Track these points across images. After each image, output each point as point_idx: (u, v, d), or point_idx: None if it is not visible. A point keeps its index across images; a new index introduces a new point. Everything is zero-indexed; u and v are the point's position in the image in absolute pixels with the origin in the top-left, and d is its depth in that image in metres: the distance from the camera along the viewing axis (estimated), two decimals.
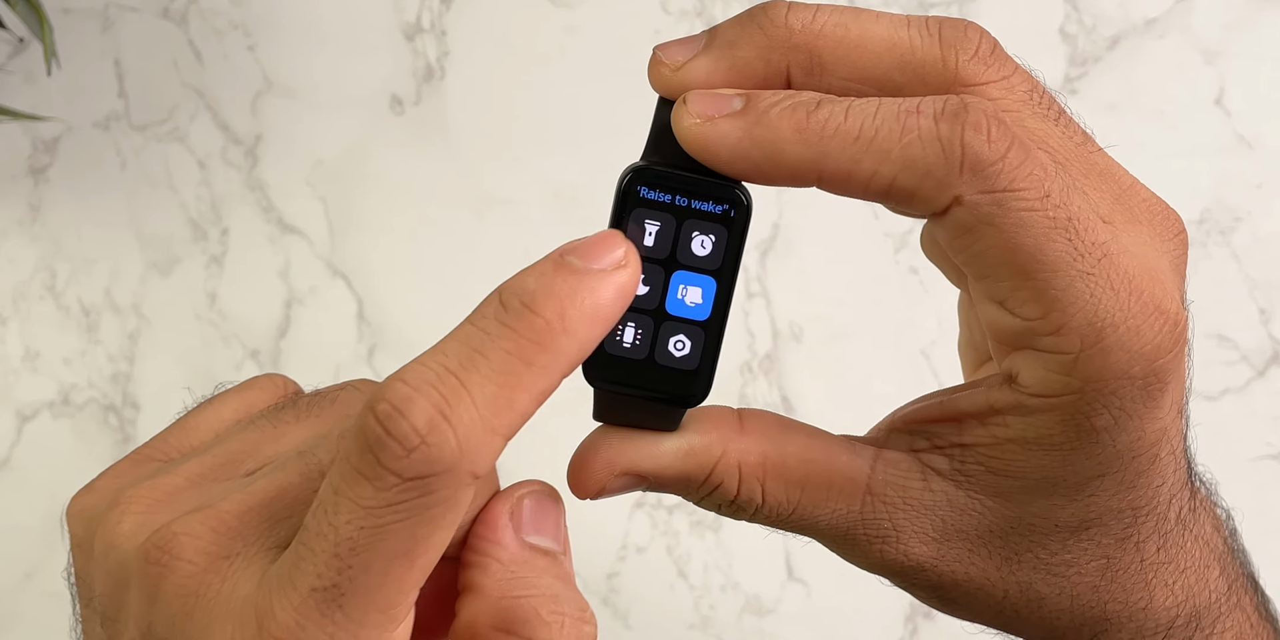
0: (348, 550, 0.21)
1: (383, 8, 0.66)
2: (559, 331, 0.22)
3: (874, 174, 0.24)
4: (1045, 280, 0.25)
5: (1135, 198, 0.27)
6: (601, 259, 0.24)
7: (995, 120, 0.24)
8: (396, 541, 0.22)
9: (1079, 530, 0.28)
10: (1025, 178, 0.24)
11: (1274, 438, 0.59)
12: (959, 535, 0.28)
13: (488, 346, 0.22)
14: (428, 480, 0.21)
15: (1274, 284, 0.60)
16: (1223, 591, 0.30)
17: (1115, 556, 0.28)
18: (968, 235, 0.25)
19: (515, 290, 0.23)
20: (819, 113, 0.25)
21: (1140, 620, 0.29)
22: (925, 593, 0.29)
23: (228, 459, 0.27)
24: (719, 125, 0.25)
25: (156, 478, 0.26)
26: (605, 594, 0.60)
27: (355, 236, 0.65)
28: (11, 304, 0.66)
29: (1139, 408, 0.26)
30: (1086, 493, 0.27)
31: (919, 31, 0.26)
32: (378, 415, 0.21)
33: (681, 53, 0.26)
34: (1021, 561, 0.28)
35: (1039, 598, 0.29)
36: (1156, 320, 0.25)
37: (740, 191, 0.26)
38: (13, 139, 0.67)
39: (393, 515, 0.21)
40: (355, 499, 0.21)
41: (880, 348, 0.61)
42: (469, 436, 0.21)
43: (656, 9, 0.65)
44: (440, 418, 0.21)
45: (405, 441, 0.21)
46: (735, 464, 0.28)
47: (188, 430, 0.28)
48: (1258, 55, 0.61)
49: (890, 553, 0.28)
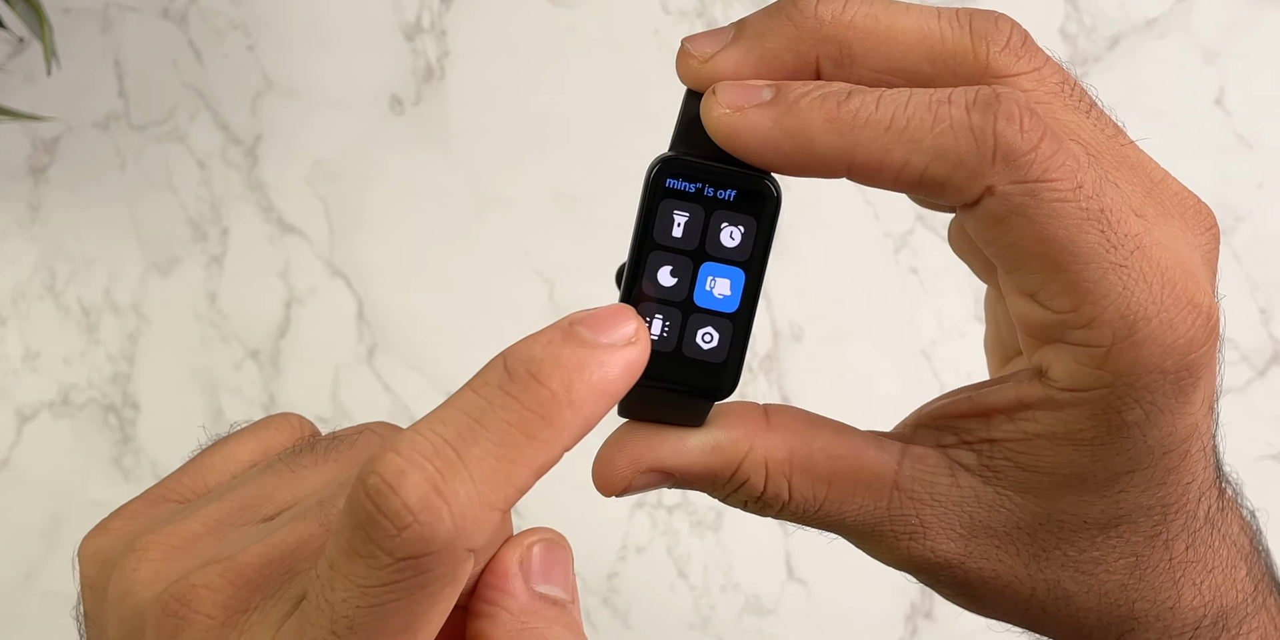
0: (345, 628, 0.21)
1: (383, 8, 0.66)
2: (564, 404, 0.22)
3: (905, 164, 0.24)
4: (1078, 272, 0.24)
5: (1167, 191, 0.27)
6: (612, 333, 0.23)
7: (1028, 110, 0.24)
8: (395, 619, 0.21)
9: (1108, 527, 0.27)
10: (1058, 168, 0.24)
11: (1274, 438, 0.59)
12: (987, 532, 0.28)
13: (489, 417, 0.21)
14: (421, 560, 0.21)
15: (1274, 284, 0.60)
16: (1249, 592, 0.29)
17: (1144, 555, 0.28)
18: (1000, 226, 0.25)
19: (521, 358, 0.22)
20: (850, 102, 0.24)
21: (1168, 620, 0.29)
22: (951, 590, 0.29)
23: (245, 504, 0.26)
24: (749, 115, 0.25)
25: (174, 523, 0.26)
26: (605, 594, 0.60)
27: (355, 236, 0.65)
28: (11, 304, 0.66)
29: (1171, 402, 0.25)
30: (1116, 489, 0.27)
31: (949, 23, 0.26)
32: (368, 490, 0.21)
33: (710, 44, 0.26)
34: (1049, 559, 0.28)
35: (1066, 596, 0.28)
36: (1190, 314, 0.25)
37: (770, 182, 0.25)
38: (13, 139, 0.67)
39: (389, 595, 0.21)
40: (350, 577, 0.21)
41: (880, 348, 0.61)
42: (464, 514, 0.21)
43: (656, 9, 0.64)
44: (435, 494, 0.20)
45: (397, 520, 0.20)
46: (762, 460, 0.27)
47: (203, 470, 0.28)
48: (1258, 55, 0.61)
49: (917, 549, 0.28)
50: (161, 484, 0.28)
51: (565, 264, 0.63)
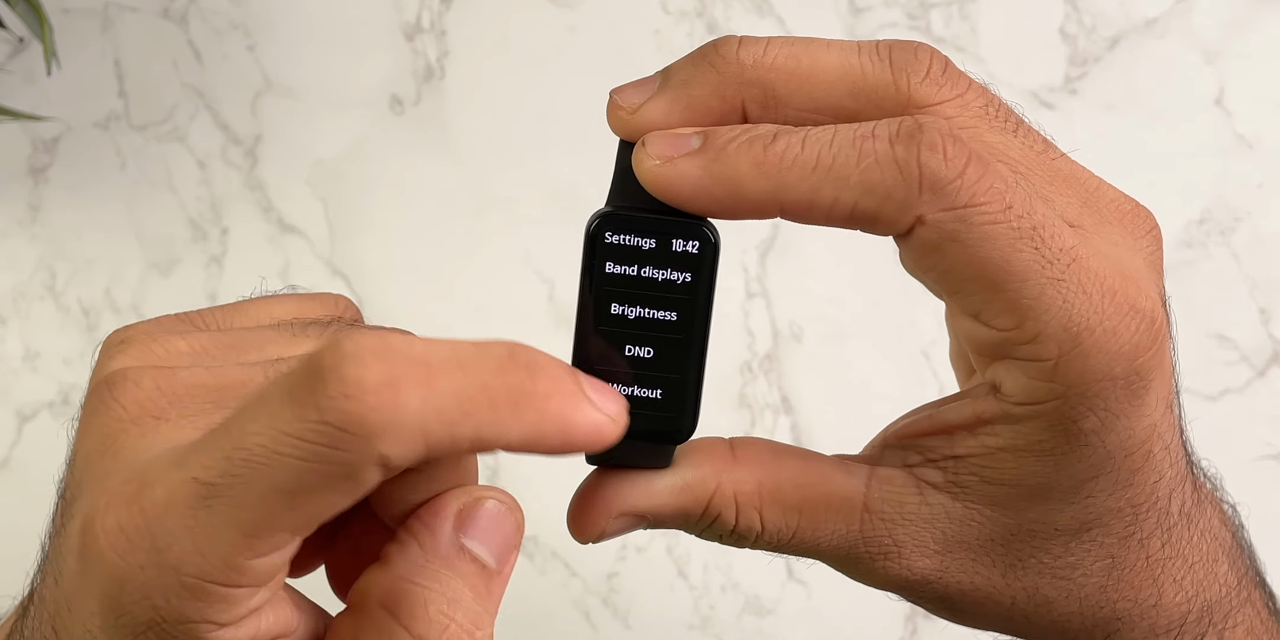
0: (240, 458, 0.21)
1: (383, 8, 0.66)
2: (537, 405, 0.22)
3: (835, 201, 0.25)
4: (1016, 290, 0.25)
5: (1103, 199, 0.27)
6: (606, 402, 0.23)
7: (950, 138, 0.24)
8: (285, 475, 0.21)
9: (1080, 532, 0.28)
10: (985, 192, 0.24)
11: (1274, 438, 0.59)
12: (961, 546, 0.28)
13: (474, 368, 0.21)
14: (339, 435, 0.21)
15: (1274, 284, 0.60)
16: (1233, 586, 0.30)
17: (1120, 555, 0.28)
18: (935, 253, 0.25)
19: (528, 353, 0.22)
20: (776, 145, 0.25)
21: (1152, 617, 0.29)
22: (934, 605, 0.29)
23: (235, 344, 0.26)
24: (679, 165, 0.25)
25: (168, 335, 0.26)
26: (605, 594, 0.60)
27: (355, 236, 0.65)
28: (11, 304, 0.66)
29: (1125, 407, 0.26)
30: (1083, 495, 0.27)
31: (869, 57, 0.26)
32: (340, 351, 0.21)
33: (637, 95, 0.27)
34: (1026, 567, 0.28)
35: (1047, 602, 0.29)
36: (1132, 319, 0.25)
37: (708, 229, 0.26)
38: (13, 139, 0.67)
39: (293, 449, 0.21)
40: (273, 417, 0.21)
41: (880, 348, 0.61)
42: (399, 421, 0.21)
43: (656, 9, 0.65)
44: (390, 389, 0.21)
45: (345, 387, 0.20)
46: (731, 494, 0.28)
47: (235, 312, 0.28)
48: (1258, 55, 0.61)
49: (894, 568, 0.28)
50: (198, 310, 0.28)
51: (565, 264, 0.63)
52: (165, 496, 0.22)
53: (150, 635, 0.22)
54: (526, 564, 0.60)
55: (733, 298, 0.61)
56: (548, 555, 0.60)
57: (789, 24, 0.64)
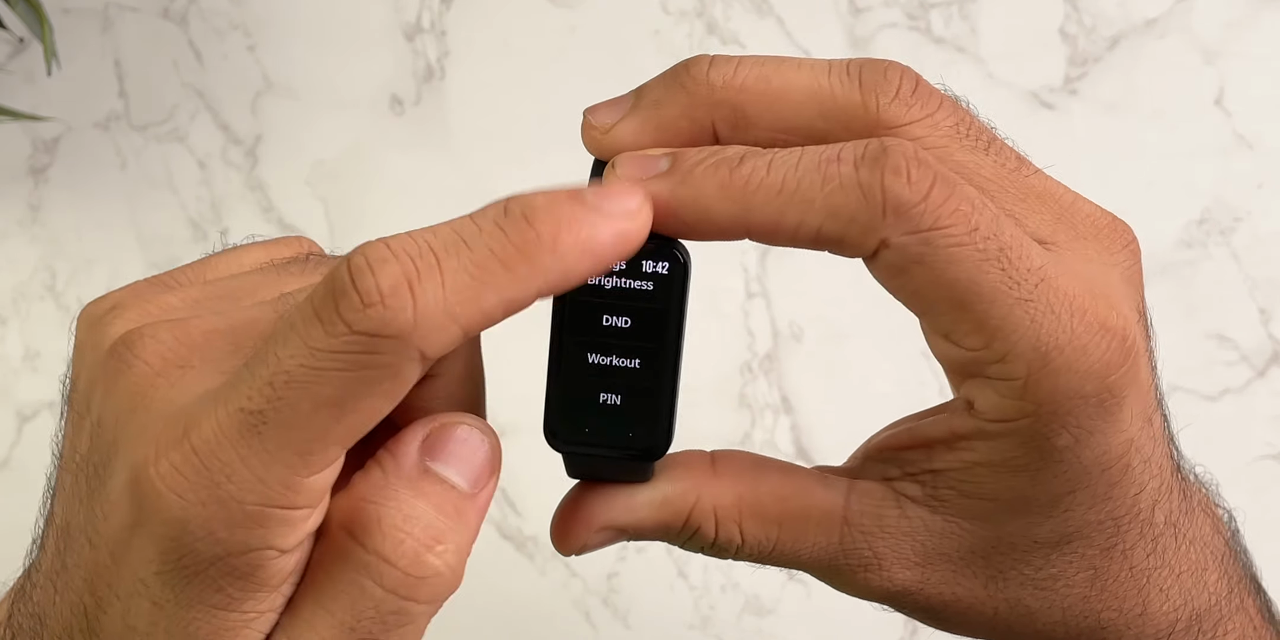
0: (282, 381, 0.22)
1: (383, 8, 0.66)
2: (547, 249, 0.22)
3: (800, 224, 0.25)
4: (984, 311, 0.25)
5: (1078, 214, 0.27)
6: (614, 203, 0.23)
7: (915, 161, 0.24)
8: (329, 388, 0.22)
9: (1060, 544, 0.28)
10: (950, 214, 0.24)
11: (1274, 438, 0.59)
12: (941, 558, 0.28)
13: (475, 240, 0.22)
14: (374, 340, 0.21)
15: (1274, 284, 0.60)
16: (1223, 594, 0.30)
17: (1102, 566, 0.28)
18: (901, 275, 0.25)
19: (521, 202, 0.23)
20: (742, 168, 0.25)
21: (1139, 627, 0.29)
22: (918, 614, 0.30)
23: (227, 293, 0.27)
24: (648, 187, 0.25)
25: (158, 294, 0.27)
26: (605, 594, 0.60)
27: (355, 236, 0.65)
28: (11, 304, 0.66)
29: (1098, 424, 0.26)
30: (1061, 509, 0.27)
31: (839, 78, 0.26)
32: (350, 266, 0.21)
33: (609, 115, 0.27)
34: (1007, 579, 0.28)
35: (1029, 612, 0.29)
36: (1102, 338, 0.25)
37: (678, 249, 0.26)
38: (13, 139, 0.67)
39: (332, 362, 0.21)
40: (304, 337, 0.22)
41: (880, 348, 0.61)
42: (426, 312, 0.21)
43: (656, 9, 0.65)
44: (405, 286, 0.21)
45: (366, 296, 0.21)
46: (710, 508, 0.28)
47: (208, 266, 0.29)
48: (1258, 55, 0.61)
49: (875, 580, 0.28)
50: (168, 272, 0.28)
51: None
52: (214, 431, 0.22)
53: (212, 572, 0.22)
54: (526, 564, 0.60)
55: (733, 298, 0.61)
56: (548, 555, 0.60)
57: (789, 24, 0.64)
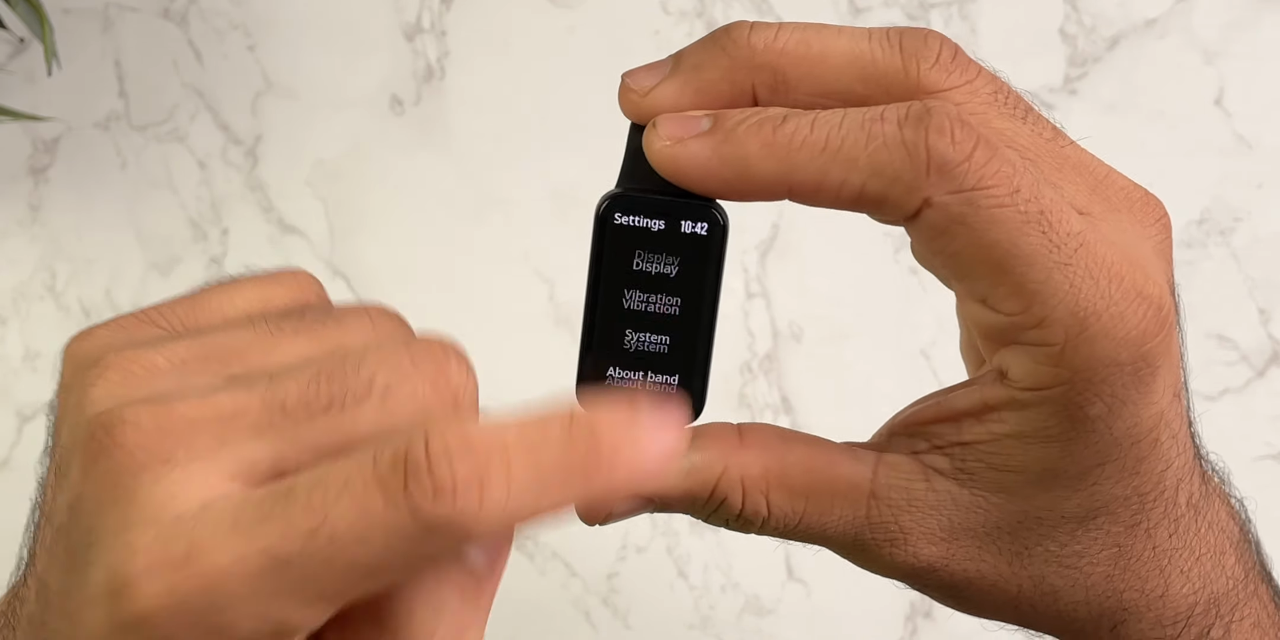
0: (325, 537, 0.21)
1: (383, 8, 0.66)
2: (608, 463, 0.22)
3: (843, 183, 0.25)
4: (1023, 274, 0.25)
5: (1112, 187, 0.28)
6: (660, 440, 0.23)
7: (959, 122, 0.24)
8: (369, 557, 0.21)
9: (1086, 520, 0.28)
10: (993, 175, 0.24)
11: (1274, 438, 0.59)
12: (967, 533, 0.28)
13: (544, 448, 0.22)
14: (430, 534, 0.21)
15: (1274, 284, 0.60)
16: (1240, 579, 0.30)
17: (1126, 544, 0.28)
18: (942, 236, 0.25)
19: (590, 418, 0.22)
20: (785, 127, 0.25)
21: (1159, 609, 0.29)
22: (939, 593, 0.29)
23: (214, 354, 0.26)
24: (689, 146, 0.25)
25: (142, 349, 0.26)
26: (605, 594, 0.60)
27: (355, 236, 0.65)
28: (11, 304, 0.66)
29: (1131, 394, 0.26)
30: (1089, 482, 0.27)
31: (880, 43, 0.26)
32: (431, 450, 0.21)
33: (649, 78, 0.27)
34: (1032, 555, 0.28)
35: (1053, 591, 0.29)
36: (1139, 305, 0.25)
37: (716, 210, 0.26)
38: (13, 139, 0.67)
39: (384, 535, 0.21)
40: (362, 502, 0.21)
41: (880, 348, 0.61)
42: (490, 510, 0.21)
43: (656, 9, 0.65)
44: (478, 483, 0.21)
45: (439, 485, 0.21)
46: (738, 478, 0.28)
47: (198, 307, 0.28)
48: (1258, 55, 0.61)
49: (900, 555, 0.28)
50: (156, 307, 0.27)
51: (565, 264, 0.63)
52: (230, 564, 0.21)
53: None
54: (526, 564, 0.60)
55: (733, 298, 0.61)
56: (548, 555, 0.60)
57: None
